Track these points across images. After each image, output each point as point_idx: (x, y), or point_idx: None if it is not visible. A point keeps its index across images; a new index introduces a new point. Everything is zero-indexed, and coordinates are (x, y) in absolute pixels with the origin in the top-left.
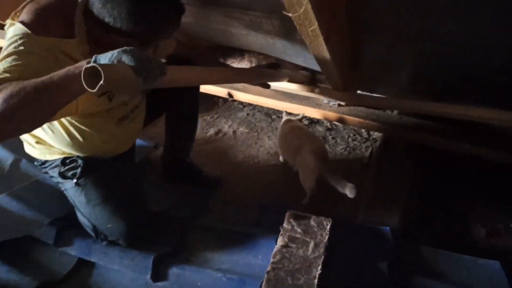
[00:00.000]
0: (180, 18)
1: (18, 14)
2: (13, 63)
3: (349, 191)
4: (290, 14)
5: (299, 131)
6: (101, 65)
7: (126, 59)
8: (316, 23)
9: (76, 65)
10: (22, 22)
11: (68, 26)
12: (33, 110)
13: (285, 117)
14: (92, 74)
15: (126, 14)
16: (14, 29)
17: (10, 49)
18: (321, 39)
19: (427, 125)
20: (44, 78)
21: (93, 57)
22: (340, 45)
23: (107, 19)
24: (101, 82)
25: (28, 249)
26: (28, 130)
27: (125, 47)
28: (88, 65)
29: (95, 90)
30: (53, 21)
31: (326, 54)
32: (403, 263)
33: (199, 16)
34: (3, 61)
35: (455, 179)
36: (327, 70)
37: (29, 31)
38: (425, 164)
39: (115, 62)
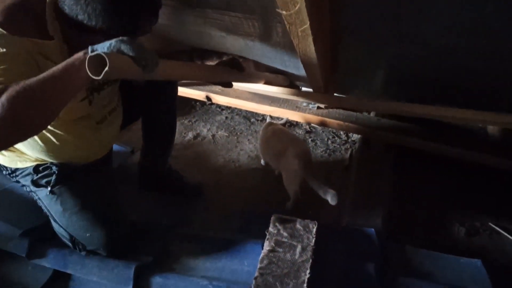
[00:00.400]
0: (157, 13)
1: None
2: None
3: (330, 198)
4: (284, 12)
5: (282, 135)
6: (105, 53)
7: (125, 48)
8: (308, 23)
9: (74, 57)
10: None
11: (39, 24)
12: (41, 108)
13: (268, 121)
14: (96, 63)
15: (102, 11)
16: None
17: None
18: (310, 39)
19: (405, 126)
20: (45, 74)
21: (89, 48)
22: (324, 46)
23: (80, 17)
24: (106, 68)
25: None
26: (36, 132)
27: (120, 37)
28: (93, 54)
29: (100, 77)
30: (25, 20)
31: (313, 55)
32: (388, 264)
33: (174, 17)
34: None
35: (434, 179)
36: (311, 72)
37: (4, 31)
38: (404, 165)
39: (114, 51)
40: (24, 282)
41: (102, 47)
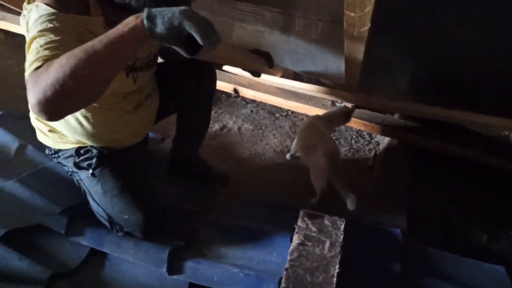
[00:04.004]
0: None
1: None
2: (49, 40)
3: (349, 203)
4: (352, 14)
5: (315, 130)
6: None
7: (187, 26)
8: (369, 25)
9: (125, 22)
10: (44, 3)
11: (83, 2)
12: (100, 72)
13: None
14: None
15: None
16: (38, 10)
17: (40, 27)
18: (363, 40)
19: (431, 129)
20: (102, 38)
21: (146, 11)
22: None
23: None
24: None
25: (39, 238)
26: (93, 99)
27: (184, 8)
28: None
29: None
30: (70, 0)
31: (360, 55)
32: (411, 265)
33: (211, 9)
34: (38, 39)
35: (457, 183)
36: (351, 71)
37: (54, 10)
38: (428, 167)
39: (175, 24)
40: (62, 258)
41: (162, 15)
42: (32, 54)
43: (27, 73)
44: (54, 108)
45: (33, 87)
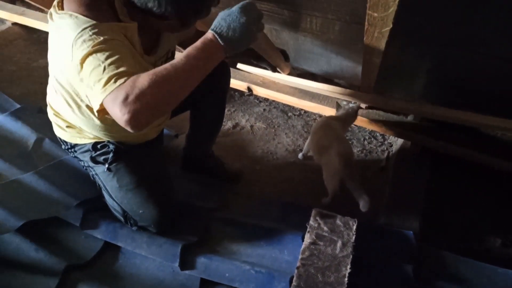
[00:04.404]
0: None
1: (59, 5)
2: (108, 54)
3: (362, 204)
4: (375, 14)
5: (330, 131)
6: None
7: (255, 28)
8: (391, 26)
9: (204, 40)
10: (80, 14)
11: (113, 9)
12: (180, 91)
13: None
14: None
15: (171, 0)
16: (77, 22)
17: (91, 42)
18: (384, 40)
19: (445, 132)
20: (182, 60)
21: (217, 25)
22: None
23: (150, 4)
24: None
25: (55, 230)
26: (170, 110)
27: (245, 5)
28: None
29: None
30: (101, 7)
31: (379, 55)
32: (424, 267)
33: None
34: (96, 55)
35: (470, 187)
36: (368, 72)
37: (93, 21)
38: (440, 170)
39: (244, 31)
40: (77, 250)
41: (227, 23)
42: (98, 70)
43: (106, 89)
44: (147, 122)
45: (125, 103)
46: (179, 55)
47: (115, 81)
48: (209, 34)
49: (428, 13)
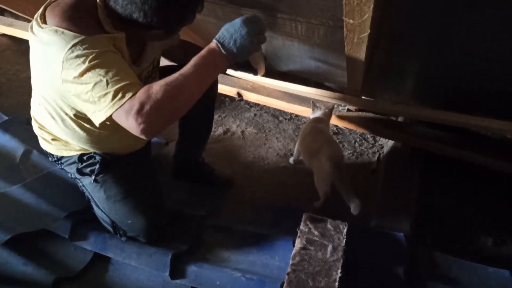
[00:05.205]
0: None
1: (42, 18)
2: (107, 69)
3: (353, 207)
4: (350, 21)
5: (319, 134)
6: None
7: (256, 41)
8: (369, 31)
9: (209, 49)
10: (66, 29)
11: (97, 20)
12: (188, 99)
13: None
14: None
15: (156, 7)
16: (65, 38)
17: (86, 57)
18: (364, 46)
19: (435, 132)
20: (191, 69)
21: (220, 37)
22: (368, 51)
23: (135, 15)
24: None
25: (43, 243)
26: (179, 117)
27: (248, 18)
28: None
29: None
30: (85, 19)
31: (362, 60)
32: (415, 269)
33: (213, 13)
34: (96, 70)
35: (461, 187)
36: (353, 75)
37: (81, 36)
38: (431, 171)
39: (247, 43)
40: (66, 262)
41: (230, 34)
42: (101, 85)
43: (115, 103)
44: (162, 129)
45: (141, 114)
46: (187, 65)
47: (123, 94)
48: (213, 43)
49: (410, 16)
